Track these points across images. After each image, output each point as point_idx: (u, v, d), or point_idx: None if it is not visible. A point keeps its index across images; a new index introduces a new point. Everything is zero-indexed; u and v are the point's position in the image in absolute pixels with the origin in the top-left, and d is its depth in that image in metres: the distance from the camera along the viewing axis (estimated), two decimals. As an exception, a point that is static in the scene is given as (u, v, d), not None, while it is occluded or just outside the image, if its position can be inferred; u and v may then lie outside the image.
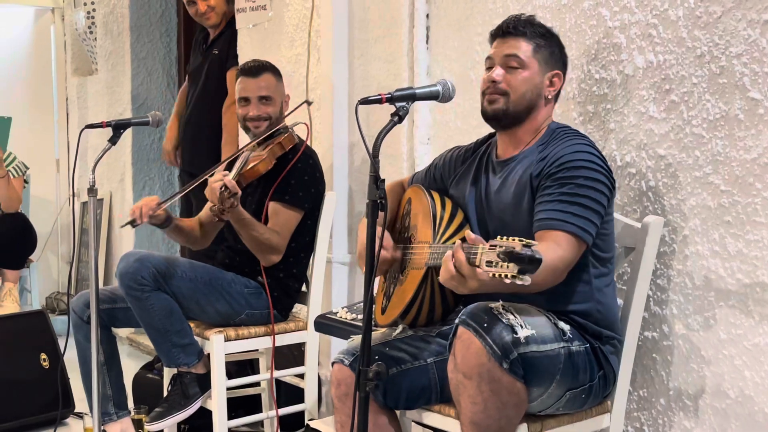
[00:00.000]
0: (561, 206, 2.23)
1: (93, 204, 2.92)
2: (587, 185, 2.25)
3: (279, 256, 3.29)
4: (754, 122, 2.32)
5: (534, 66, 2.40)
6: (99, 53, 6.12)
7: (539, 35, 2.41)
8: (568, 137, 2.36)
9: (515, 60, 2.39)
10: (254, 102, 3.34)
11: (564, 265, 2.19)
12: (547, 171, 2.30)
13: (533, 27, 2.42)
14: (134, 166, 5.78)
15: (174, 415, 3.22)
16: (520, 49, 2.39)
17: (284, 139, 3.28)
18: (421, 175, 2.73)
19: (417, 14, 3.41)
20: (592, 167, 2.27)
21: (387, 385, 2.37)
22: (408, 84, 3.45)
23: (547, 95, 2.43)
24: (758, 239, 2.34)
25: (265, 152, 3.24)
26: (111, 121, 3.02)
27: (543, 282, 2.15)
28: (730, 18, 2.36)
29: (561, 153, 2.30)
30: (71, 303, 3.31)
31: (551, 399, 2.23)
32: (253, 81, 3.35)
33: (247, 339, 3.27)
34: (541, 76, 2.41)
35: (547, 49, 2.42)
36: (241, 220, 3.15)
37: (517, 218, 2.37)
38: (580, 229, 2.21)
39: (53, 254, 6.76)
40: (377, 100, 2.18)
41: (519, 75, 2.39)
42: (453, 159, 2.64)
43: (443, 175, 2.65)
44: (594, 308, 2.34)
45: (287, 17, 4.11)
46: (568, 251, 2.20)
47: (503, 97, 2.40)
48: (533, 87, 2.40)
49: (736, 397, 2.41)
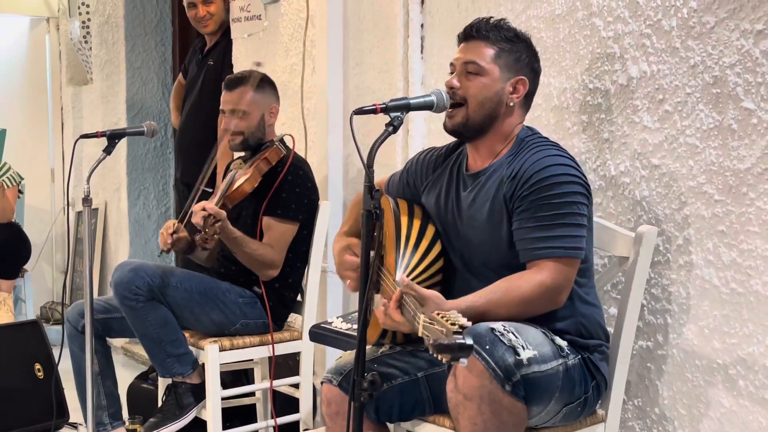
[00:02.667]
0: (543, 232, 2.20)
1: (88, 214, 2.91)
2: (564, 201, 2.21)
3: (276, 271, 3.29)
4: (748, 132, 2.33)
5: (494, 72, 2.33)
6: (94, 62, 6.12)
7: (504, 39, 2.34)
8: (535, 147, 2.31)
9: (473, 66, 2.33)
10: (228, 115, 3.35)
11: (559, 289, 2.20)
12: (519, 193, 2.25)
13: (498, 31, 2.34)
14: (129, 175, 5.77)
15: (168, 425, 3.22)
16: (480, 55, 2.33)
17: (269, 153, 3.27)
18: (397, 178, 2.69)
19: (412, 24, 3.42)
20: (564, 180, 2.23)
21: (379, 401, 2.37)
22: (403, 94, 3.45)
23: (509, 102, 2.34)
24: (752, 248, 2.34)
25: (251, 170, 3.22)
26: (106, 131, 3.02)
27: (515, 315, 2.18)
28: (723, 28, 2.37)
29: (531, 171, 2.24)
30: (66, 313, 3.31)
31: (548, 416, 2.22)
32: (227, 94, 3.38)
33: (242, 349, 3.27)
34: (503, 83, 2.33)
35: (511, 54, 2.34)
36: (233, 239, 3.15)
37: (489, 242, 2.33)
38: (568, 249, 2.20)
39: (48, 264, 6.74)
40: (372, 111, 2.17)
41: (477, 81, 2.33)
42: (425, 164, 2.59)
43: (416, 182, 2.60)
44: (578, 323, 2.32)
45: (282, 27, 4.11)
46: (559, 275, 2.19)
47: (461, 108, 2.34)
48: (493, 94, 2.33)
49: (730, 406, 2.41)
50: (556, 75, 2.83)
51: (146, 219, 5.80)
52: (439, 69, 3.34)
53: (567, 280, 2.22)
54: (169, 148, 5.82)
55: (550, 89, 2.84)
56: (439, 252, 2.42)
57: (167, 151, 5.85)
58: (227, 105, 3.37)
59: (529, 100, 2.41)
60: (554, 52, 2.83)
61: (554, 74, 2.83)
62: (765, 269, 2.32)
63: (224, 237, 3.12)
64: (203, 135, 4.33)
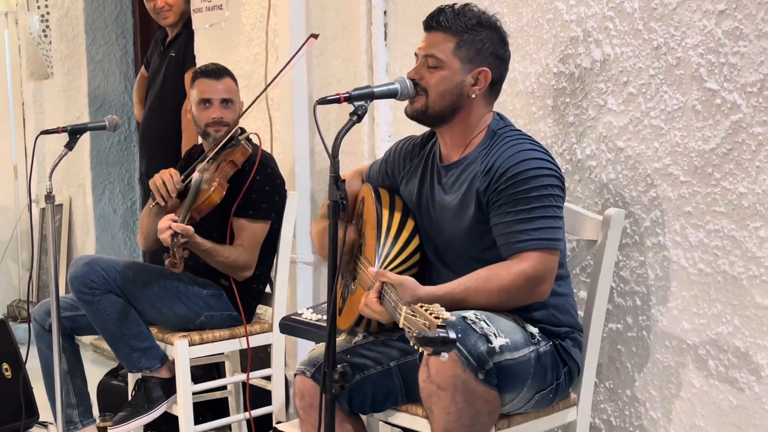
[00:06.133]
0: (522, 225, 2.20)
1: (51, 210, 2.87)
2: (542, 194, 2.21)
3: (251, 271, 3.28)
4: (712, 112, 2.34)
5: (454, 65, 2.29)
6: (54, 57, 6.04)
7: (466, 29, 2.28)
8: (511, 141, 2.29)
9: (432, 59, 2.30)
10: (216, 104, 3.29)
11: (540, 279, 2.19)
12: (495, 186, 2.24)
13: (460, 19, 2.29)
14: (93, 170, 5.71)
15: (137, 418, 3.19)
16: (439, 48, 2.29)
17: (236, 155, 3.21)
18: (377, 167, 2.67)
19: (374, 11, 3.40)
20: (540, 173, 2.22)
21: (352, 393, 2.36)
22: (367, 82, 3.43)
23: (471, 94, 2.31)
24: (718, 229, 2.35)
25: (218, 177, 3.15)
26: (67, 127, 2.97)
27: (524, 299, 2.21)
28: (685, 9, 2.37)
29: (506, 165, 2.23)
30: (33, 312, 3.27)
31: (521, 402, 2.22)
32: (216, 83, 3.30)
33: (212, 343, 3.25)
34: (463, 75, 2.29)
35: (472, 45, 2.29)
36: (203, 251, 3.13)
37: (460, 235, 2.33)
38: (548, 240, 2.19)
39: (14, 261, 6.67)
40: (335, 100, 2.15)
41: (437, 74, 2.30)
42: (403, 154, 2.57)
43: (393, 171, 2.59)
44: (549, 314, 2.32)
45: (244, 16, 4.08)
46: (541, 266, 2.18)
47: (422, 96, 2.32)
48: (452, 87, 2.30)
49: (701, 386, 2.43)
50: (520, 60, 2.83)
51: (112, 214, 5.74)
52: (403, 56, 3.33)
53: (549, 271, 2.21)
54: (133, 142, 5.76)
55: (514, 74, 2.83)
56: (417, 245, 2.42)
57: (131, 145, 5.79)
58: (216, 94, 3.29)
59: (495, 87, 2.37)
60: (518, 36, 2.82)
61: (518, 59, 2.82)
62: (732, 249, 2.33)
63: (195, 250, 3.09)
64: (167, 127, 4.29)
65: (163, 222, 3.02)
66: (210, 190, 3.13)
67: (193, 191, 3.15)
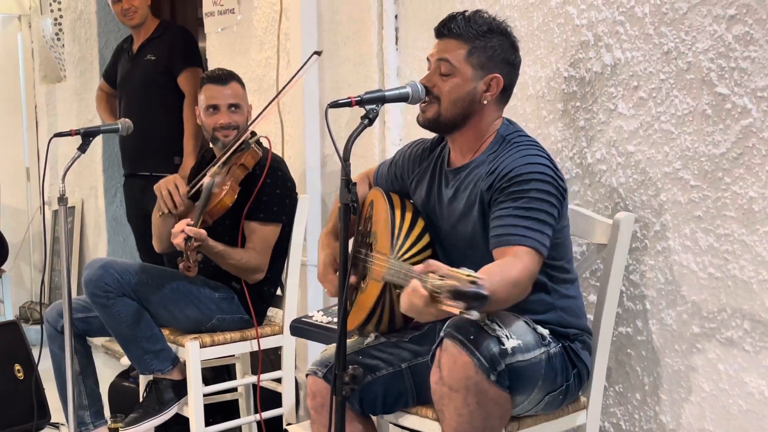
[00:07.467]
0: (516, 221, 2.18)
1: (64, 213, 2.89)
2: (540, 198, 2.20)
3: (262, 274, 3.29)
4: (722, 117, 2.34)
5: (467, 72, 2.30)
6: (67, 60, 6.07)
7: (478, 35, 2.29)
8: (519, 147, 2.30)
9: (445, 66, 2.30)
10: (223, 110, 3.30)
11: (527, 277, 2.14)
12: (498, 185, 2.24)
13: (471, 26, 2.29)
14: (105, 173, 5.73)
15: (148, 420, 3.21)
16: (452, 55, 2.30)
17: (245, 158, 3.22)
18: (385, 169, 2.68)
19: (386, 15, 3.41)
20: (544, 179, 2.21)
21: (363, 393, 2.37)
22: (378, 85, 3.45)
23: (483, 101, 2.32)
24: (728, 233, 2.35)
25: (229, 180, 3.17)
26: (80, 129, 2.99)
27: (509, 297, 2.09)
28: (695, 14, 2.38)
29: (512, 166, 2.23)
30: (45, 314, 3.28)
31: (531, 404, 2.23)
32: (223, 89, 3.32)
33: (223, 345, 3.26)
34: (475, 82, 2.30)
35: (484, 51, 2.29)
36: (216, 254, 3.15)
37: (467, 238, 2.33)
38: (537, 242, 2.17)
39: (26, 264, 6.70)
40: (347, 104, 2.16)
41: (449, 82, 2.30)
42: (412, 158, 2.58)
43: (403, 175, 2.60)
44: (558, 316, 2.32)
45: (256, 20, 4.09)
46: (529, 263, 2.14)
47: (434, 104, 2.32)
48: (465, 94, 2.30)
49: (710, 390, 2.43)
50: (530, 64, 2.83)
51: (123, 216, 5.74)
52: (414, 60, 3.34)
53: (535, 270, 2.18)
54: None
55: (525, 78, 2.84)
56: (428, 242, 2.42)
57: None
58: (223, 99, 3.31)
59: (506, 93, 2.38)
60: (529, 41, 2.83)
61: (529, 63, 2.83)
62: (742, 253, 2.33)
63: (207, 253, 3.11)
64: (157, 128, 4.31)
65: (176, 226, 3.05)
66: (222, 194, 3.15)
67: (205, 195, 3.17)
